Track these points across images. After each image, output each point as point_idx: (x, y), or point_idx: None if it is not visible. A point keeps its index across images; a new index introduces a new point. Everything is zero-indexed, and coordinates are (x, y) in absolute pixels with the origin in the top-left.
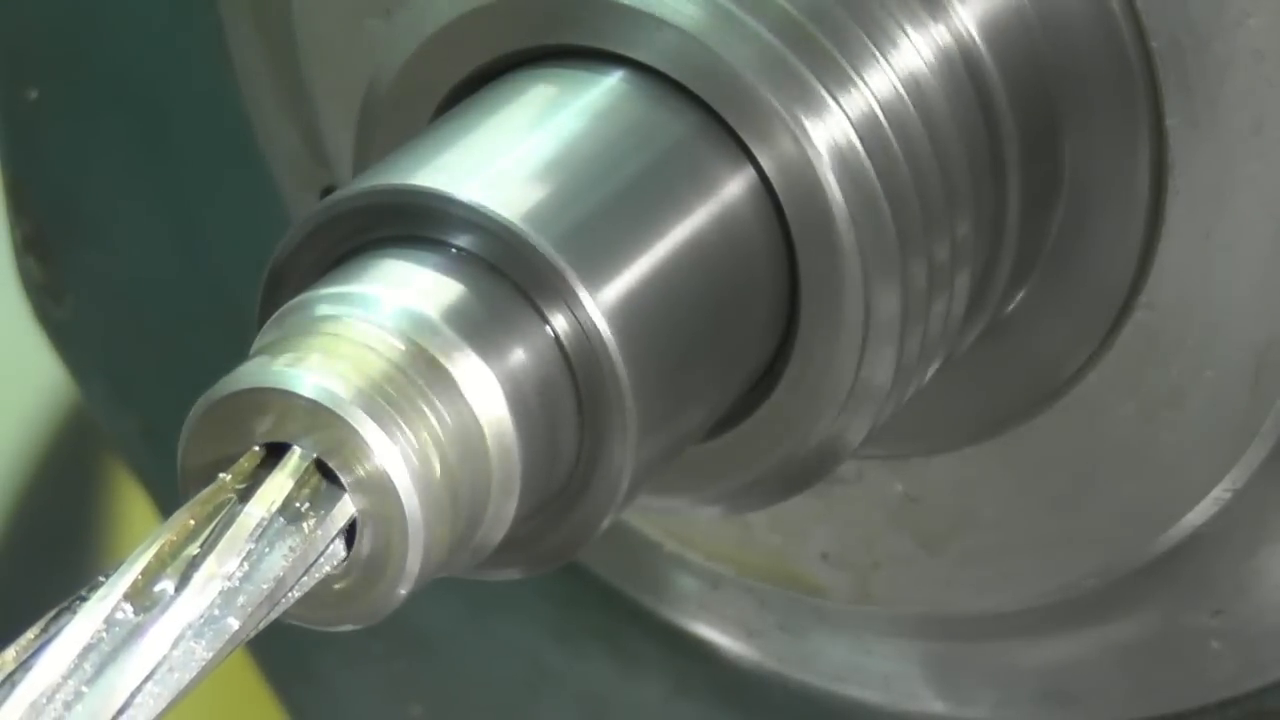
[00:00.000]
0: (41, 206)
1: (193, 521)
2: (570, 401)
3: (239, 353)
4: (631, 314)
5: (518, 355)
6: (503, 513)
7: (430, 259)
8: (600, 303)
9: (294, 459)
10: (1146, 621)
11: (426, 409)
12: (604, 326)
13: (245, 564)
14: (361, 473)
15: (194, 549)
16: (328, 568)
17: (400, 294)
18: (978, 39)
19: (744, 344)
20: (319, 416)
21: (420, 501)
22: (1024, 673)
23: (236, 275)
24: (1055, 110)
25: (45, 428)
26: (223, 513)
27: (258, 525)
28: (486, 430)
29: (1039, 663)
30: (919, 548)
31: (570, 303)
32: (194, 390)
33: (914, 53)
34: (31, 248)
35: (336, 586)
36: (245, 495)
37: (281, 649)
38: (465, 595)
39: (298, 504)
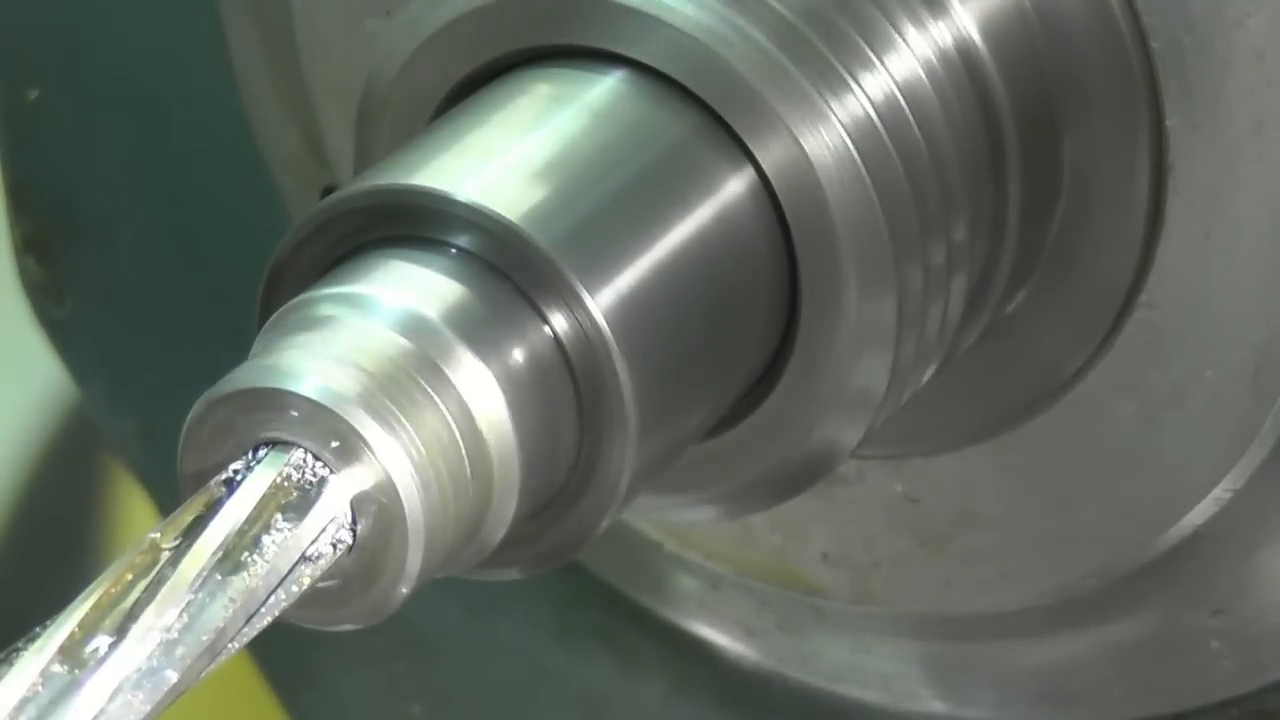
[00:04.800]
0: (41, 206)
1: (130, 575)
2: (570, 402)
3: (239, 353)
4: (631, 314)
5: (517, 355)
6: (503, 513)
7: (430, 259)
8: (600, 303)
9: (251, 489)
10: (1146, 621)
11: (427, 409)
12: (604, 326)
13: (185, 615)
14: (362, 472)
15: (131, 600)
16: (323, 563)
17: (400, 294)
18: (978, 39)
19: (744, 344)
20: (320, 416)
21: (421, 501)
22: (1024, 673)
23: (236, 275)
24: (1055, 110)
25: (45, 428)
26: (160, 565)
27: (197, 576)
28: (486, 430)
29: (1039, 663)
30: (919, 548)
31: (570, 303)
32: (194, 390)
33: (913, 53)
34: (31, 248)
35: (337, 586)
36: (190, 537)
37: (282, 650)
38: (465, 595)
39: (244, 551)
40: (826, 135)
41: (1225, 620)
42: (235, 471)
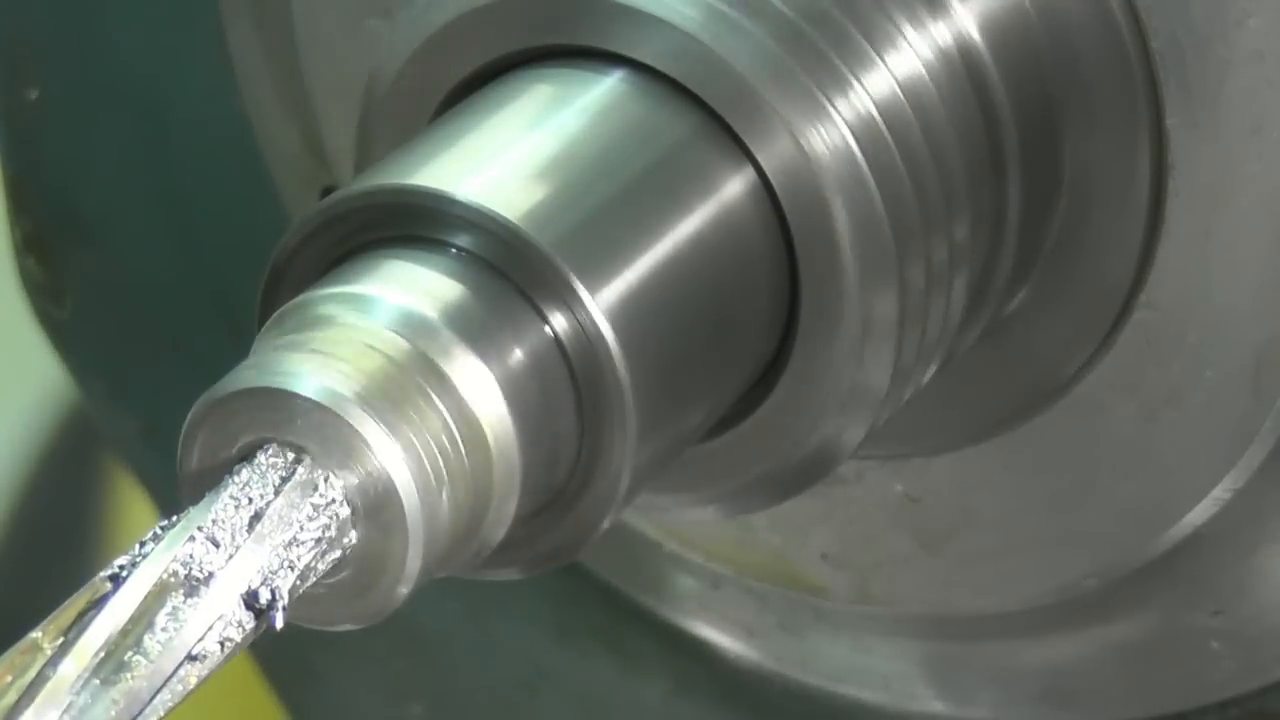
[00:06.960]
0: (41, 206)
1: (10, 676)
2: (570, 402)
3: (239, 353)
4: (631, 314)
5: (517, 355)
6: (503, 513)
7: (430, 259)
8: (600, 303)
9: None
10: (1146, 621)
11: (427, 409)
12: (604, 326)
13: (66, 717)
14: (362, 472)
15: (10, 701)
16: (211, 663)
17: (400, 294)
18: (978, 39)
19: (744, 344)
20: (319, 417)
21: (421, 501)
22: (1024, 673)
23: (236, 275)
24: (1055, 110)
25: (45, 428)
26: (40, 665)
27: (79, 677)
28: (486, 430)
29: (1039, 663)
30: (919, 548)
31: (570, 303)
32: (194, 390)
33: (914, 53)
34: (31, 248)
35: (336, 585)
36: (72, 636)
37: (282, 649)
38: (465, 595)
39: (127, 651)
40: (826, 135)
41: (1225, 620)
42: (121, 567)
